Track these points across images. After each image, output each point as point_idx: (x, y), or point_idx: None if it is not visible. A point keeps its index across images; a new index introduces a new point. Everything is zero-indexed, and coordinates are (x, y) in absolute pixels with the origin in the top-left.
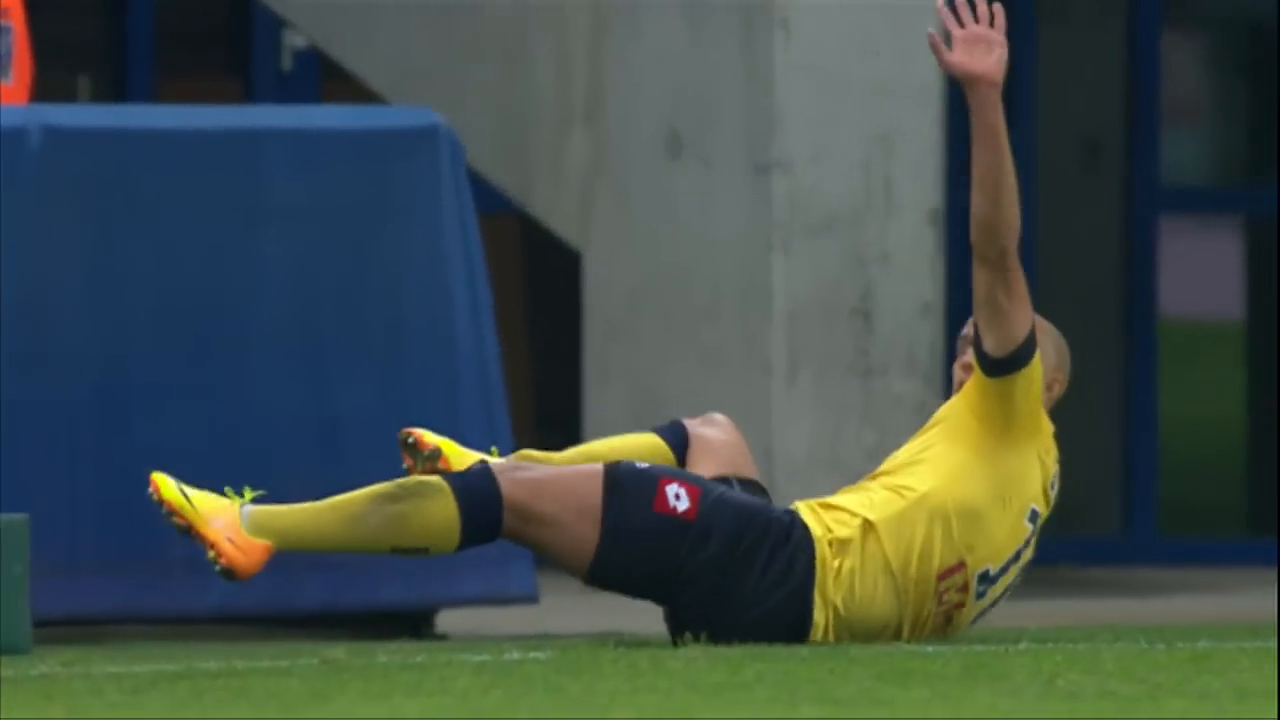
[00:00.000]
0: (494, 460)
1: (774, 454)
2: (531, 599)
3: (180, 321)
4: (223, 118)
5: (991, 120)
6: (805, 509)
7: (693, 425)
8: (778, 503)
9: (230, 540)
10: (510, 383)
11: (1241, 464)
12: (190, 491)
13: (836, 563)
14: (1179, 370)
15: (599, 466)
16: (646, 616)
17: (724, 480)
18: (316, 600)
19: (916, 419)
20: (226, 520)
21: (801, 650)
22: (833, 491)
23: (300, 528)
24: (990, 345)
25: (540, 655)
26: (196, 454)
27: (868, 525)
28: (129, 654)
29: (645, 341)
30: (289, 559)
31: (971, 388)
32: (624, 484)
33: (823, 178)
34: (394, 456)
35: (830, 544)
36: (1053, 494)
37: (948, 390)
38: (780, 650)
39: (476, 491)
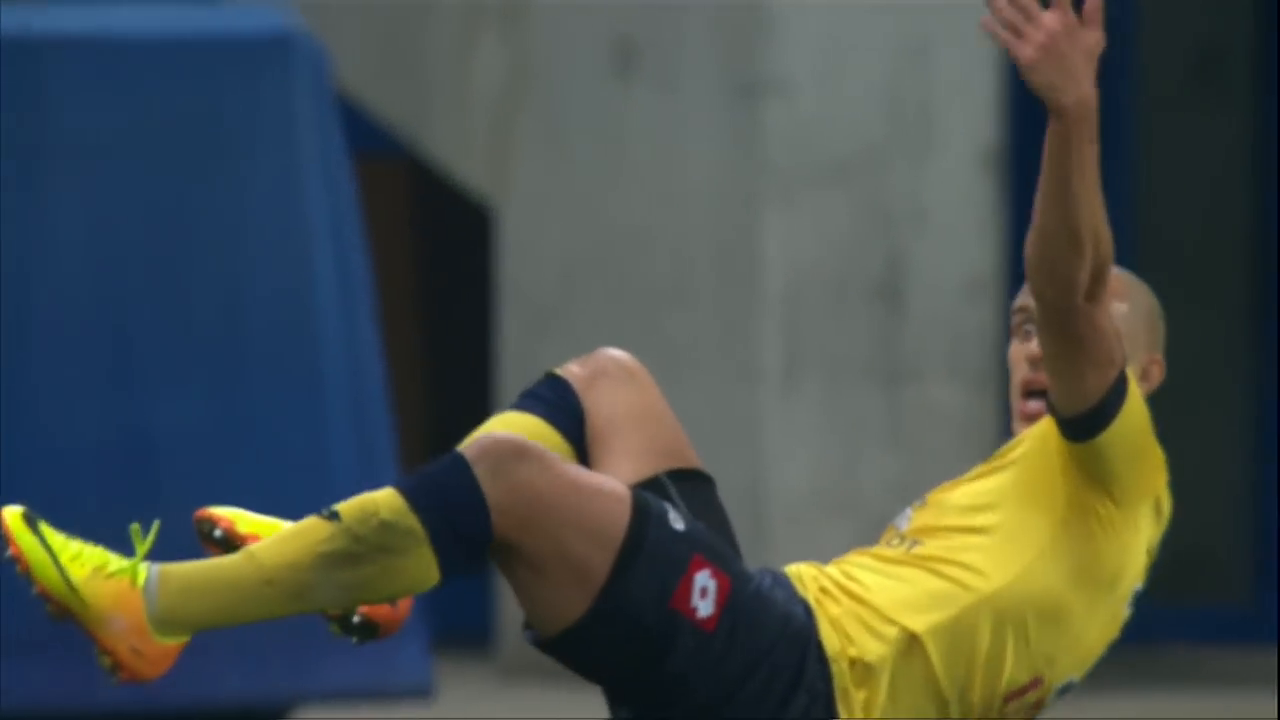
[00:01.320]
0: (484, 441)
1: (765, 488)
2: (424, 693)
3: None
4: None
5: (1080, 156)
6: (817, 606)
7: (583, 385)
8: (767, 561)
9: (134, 649)
10: (397, 389)
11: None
12: (68, 560)
13: (862, 695)
14: None
15: (626, 504)
16: (576, 709)
17: (655, 485)
18: (126, 693)
19: (963, 440)
20: (130, 622)
21: None
22: (847, 546)
23: (225, 612)
24: (1059, 399)
25: None
26: None
27: (911, 640)
28: None
29: (584, 332)
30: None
31: (1053, 429)
32: (648, 554)
33: (832, 104)
34: (228, 489)
35: (852, 664)
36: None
37: (1005, 396)
38: None
39: (463, 532)
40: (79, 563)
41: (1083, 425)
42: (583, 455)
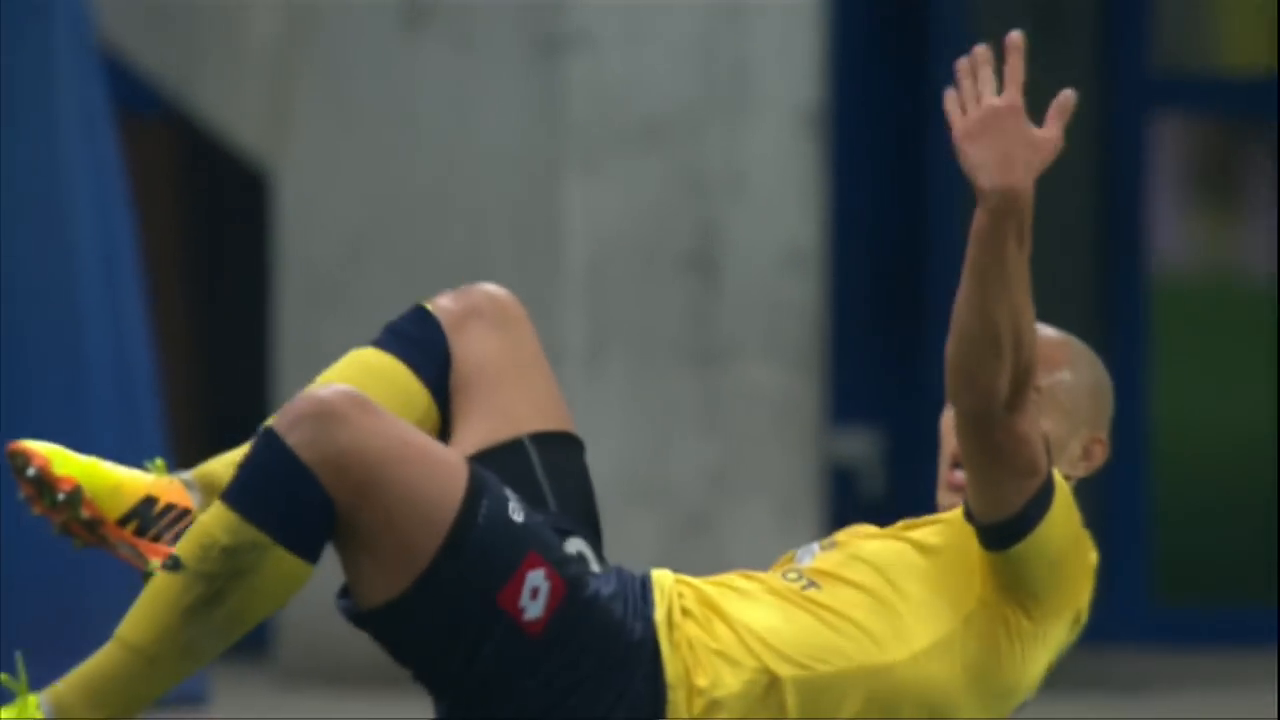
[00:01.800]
0: (300, 405)
1: None
2: (199, 700)
3: None
4: None
5: (1000, 250)
6: (667, 625)
7: (452, 324)
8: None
9: None
10: (165, 367)
11: (1274, 496)
12: None
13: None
14: (1182, 348)
15: (461, 483)
16: (358, 716)
17: (515, 448)
18: None
19: (782, 425)
20: None
21: None
22: (655, 539)
23: (129, 705)
24: (974, 505)
25: None
26: None
27: (771, 683)
28: None
29: (370, 307)
30: None
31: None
32: (478, 541)
33: (641, 61)
34: None
35: (696, 694)
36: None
37: (835, 382)
38: None
39: (307, 525)
40: None
41: (998, 534)
42: (444, 403)
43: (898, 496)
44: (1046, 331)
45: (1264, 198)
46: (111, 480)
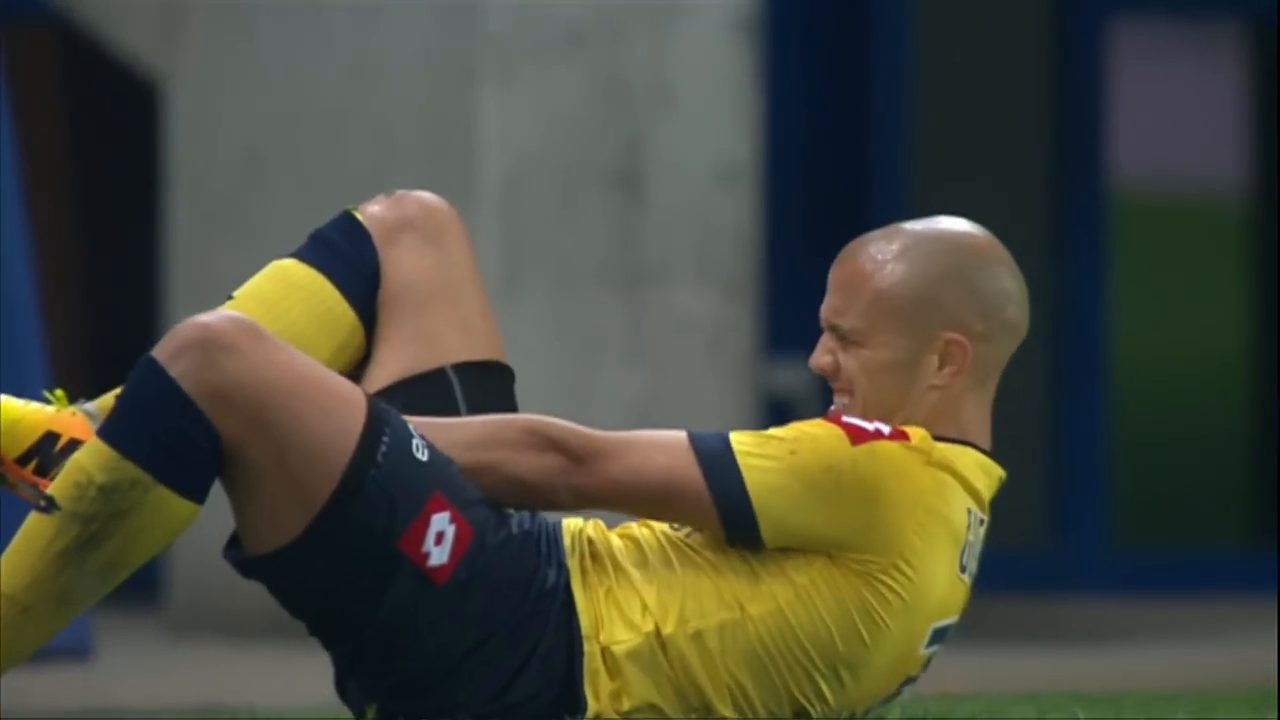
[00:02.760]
0: (184, 333)
1: None
2: (81, 653)
3: None
4: None
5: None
6: (577, 573)
7: (383, 236)
8: None
9: None
10: (48, 292)
11: (1241, 430)
12: None
13: (613, 685)
14: (1139, 270)
15: (359, 419)
16: (269, 679)
17: (438, 378)
18: None
19: (714, 353)
20: None
21: None
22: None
23: (7, 656)
24: (702, 532)
25: None
26: None
27: (661, 641)
28: None
29: (270, 230)
30: None
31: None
32: (377, 481)
33: None
34: None
35: (604, 650)
36: (973, 566)
37: (770, 308)
38: None
39: (192, 463)
40: None
41: (736, 537)
42: (369, 320)
43: None
44: (873, 242)
45: (1229, 104)
46: (9, 415)
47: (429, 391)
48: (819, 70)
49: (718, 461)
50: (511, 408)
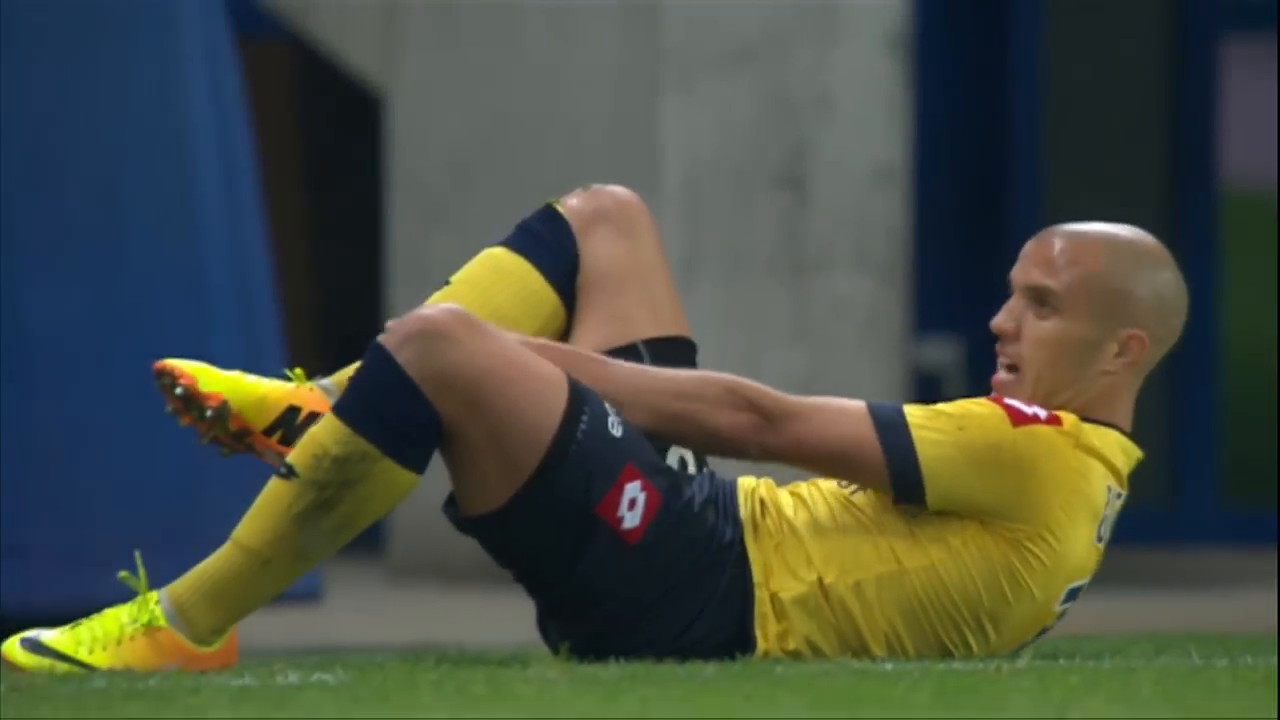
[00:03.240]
0: (410, 323)
1: None
2: (314, 597)
3: None
4: None
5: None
6: (750, 528)
7: (581, 227)
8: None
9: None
10: (283, 283)
11: None
12: (85, 655)
13: (780, 627)
14: (1248, 261)
15: (562, 400)
16: (479, 620)
17: (630, 352)
18: (3, 597)
19: (869, 333)
20: (179, 660)
21: (706, 669)
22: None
23: (244, 604)
24: (868, 489)
25: (329, 678)
26: None
27: (824, 588)
28: None
29: (476, 224)
30: None
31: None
32: (577, 455)
33: None
34: (107, 385)
35: (772, 597)
36: (1108, 534)
37: (919, 293)
38: (676, 669)
39: (414, 437)
40: (96, 648)
41: (902, 496)
42: (569, 302)
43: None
44: (1082, 230)
45: None
46: (256, 392)
47: None
48: (963, 82)
49: (893, 430)
50: None
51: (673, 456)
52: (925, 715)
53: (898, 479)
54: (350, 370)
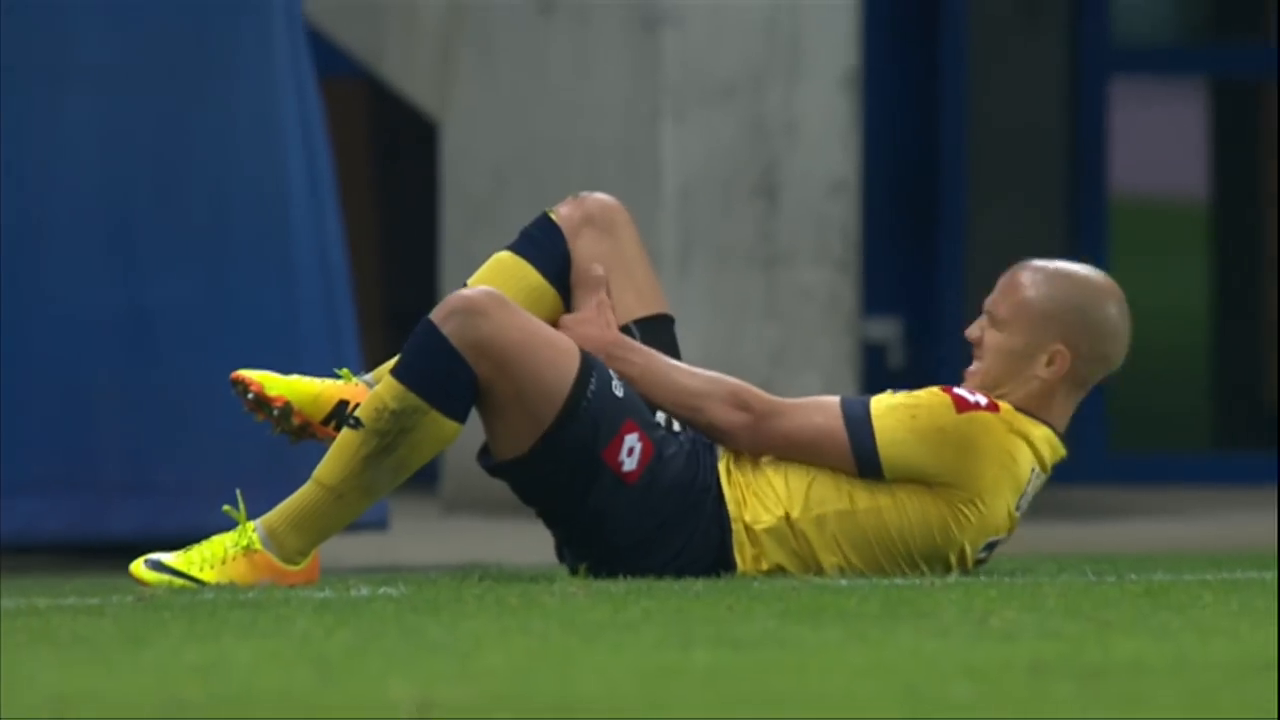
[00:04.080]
0: (452, 301)
1: None
2: (381, 525)
3: None
4: None
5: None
6: (725, 474)
7: (571, 230)
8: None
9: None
10: (356, 272)
11: (1204, 366)
12: (197, 571)
13: (752, 551)
14: (1132, 256)
15: (574, 365)
16: (513, 545)
17: (624, 330)
18: (131, 525)
19: (828, 314)
20: (271, 576)
21: (696, 585)
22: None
23: (325, 529)
24: (839, 470)
25: (392, 591)
26: None
27: (787, 520)
28: None
29: (513, 225)
30: (94, 475)
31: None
32: (587, 410)
33: (719, 35)
34: (216, 359)
35: (746, 528)
36: (1026, 505)
37: (867, 281)
38: (671, 585)
39: (456, 394)
40: (206, 567)
41: (863, 471)
42: (565, 294)
43: (916, 368)
44: (1036, 265)
45: (1196, 139)
46: (311, 390)
47: None
48: (903, 113)
49: (858, 424)
50: (674, 345)
51: (660, 415)
52: (875, 621)
53: (861, 464)
54: (388, 366)
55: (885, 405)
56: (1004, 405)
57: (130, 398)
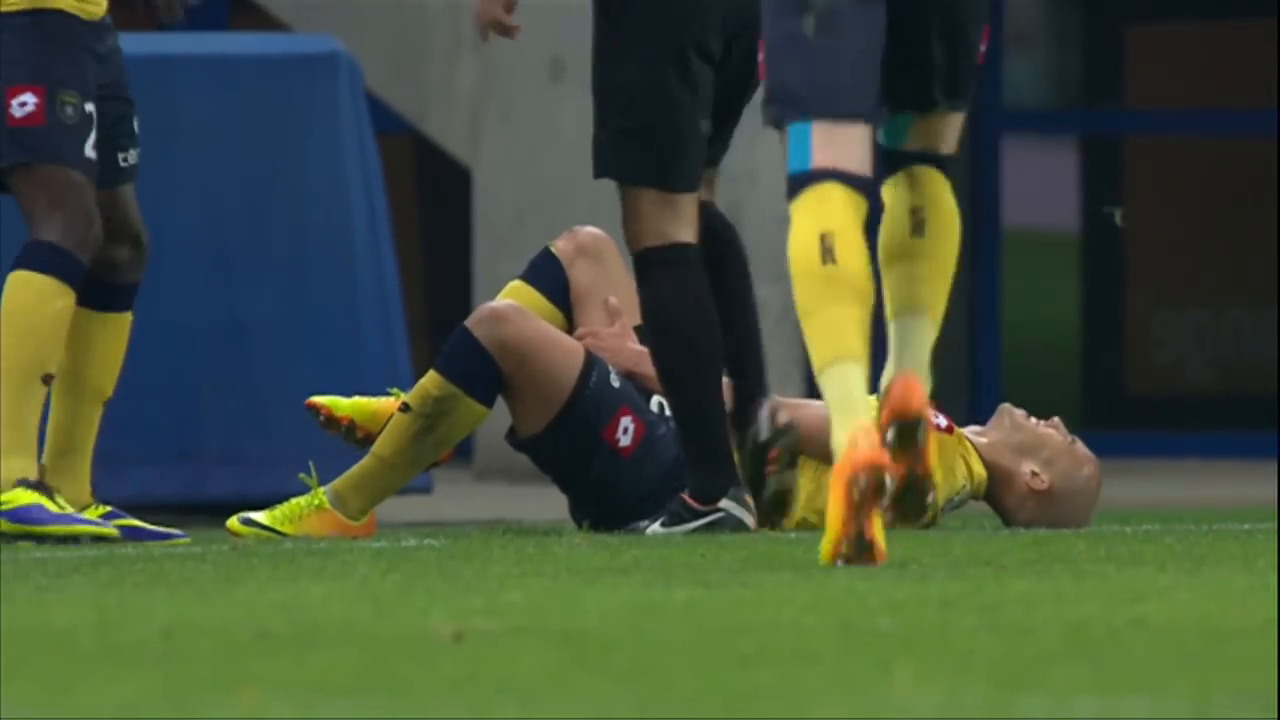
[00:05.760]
0: (482, 310)
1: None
2: (425, 490)
3: None
4: (140, 44)
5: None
6: None
7: (567, 260)
8: None
9: (356, 537)
10: (406, 291)
11: (1076, 363)
12: (289, 529)
13: None
14: (1020, 277)
15: (579, 361)
16: (531, 506)
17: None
18: (227, 490)
19: (780, 327)
20: (336, 529)
21: (676, 536)
22: None
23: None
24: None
25: (434, 542)
26: None
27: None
28: (51, 540)
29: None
30: (198, 449)
31: None
32: (589, 398)
33: None
34: (295, 358)
35: None
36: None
37: None
38: (656, 537)
39: (485, 384)
40: (286, 522)
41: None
42: (568, 313)
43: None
44: (1084, 452)
45: (1068, 179)
46: (371, 408)
47: None
48: None
49: None
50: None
51: (653, 404)
52: (818, 566)
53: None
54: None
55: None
56: (959, 431)
57: (226, 388)
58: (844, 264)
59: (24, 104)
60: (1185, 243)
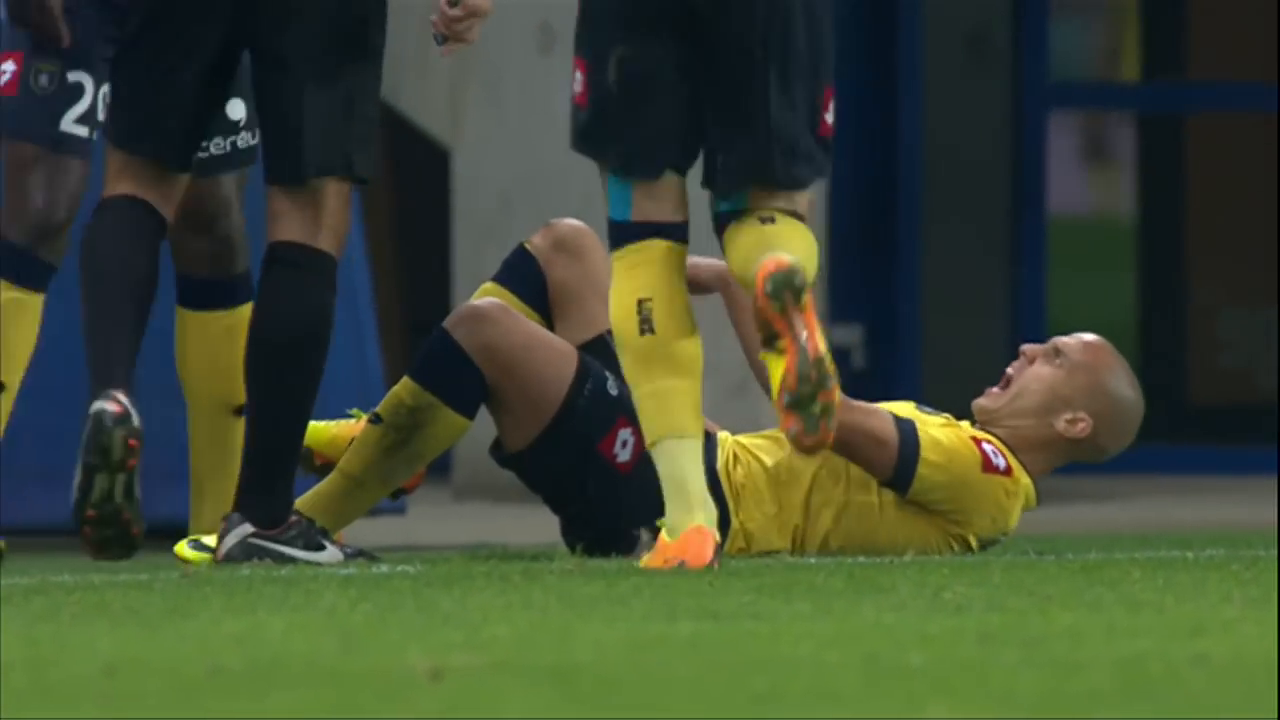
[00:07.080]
0: (461, 310)
1: None
2: (399, 510)
3: None
4: None
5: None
6: (724, 472)
7: (544, 258)
8: None
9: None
10: (378, 287)
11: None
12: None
13: (741, 545)
14: (1068, 271)
15: (572, 366)
16: (518, 528)
17: (598, 341)
18: (174, 511)
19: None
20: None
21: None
22: (709, 396)
23: (349, 513)
24: (873, 475)
25: (409, 568)
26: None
27: (782, 520)
28: None
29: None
30: (142, 465)
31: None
32: (584, 408)
33: None
34: None
35: (741, 527)
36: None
37: (832, 291)
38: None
39: (466, 392)
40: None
41: (893, 486)
42: (545, 313)
43: (876, 370)
44: (1110, 350)
45: (1129, 165)
46: (327, 434)
47: (595, 351)
48: (867, 139)
49: (909, 445)
50: None
51: None
52: (840, 596)
53: (897, 475)
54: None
55: (930, 438)
56: (1017, 471)
57: (171, 397)
58: (663, 334)
59: (3, 73)
60: (1254, 232)
